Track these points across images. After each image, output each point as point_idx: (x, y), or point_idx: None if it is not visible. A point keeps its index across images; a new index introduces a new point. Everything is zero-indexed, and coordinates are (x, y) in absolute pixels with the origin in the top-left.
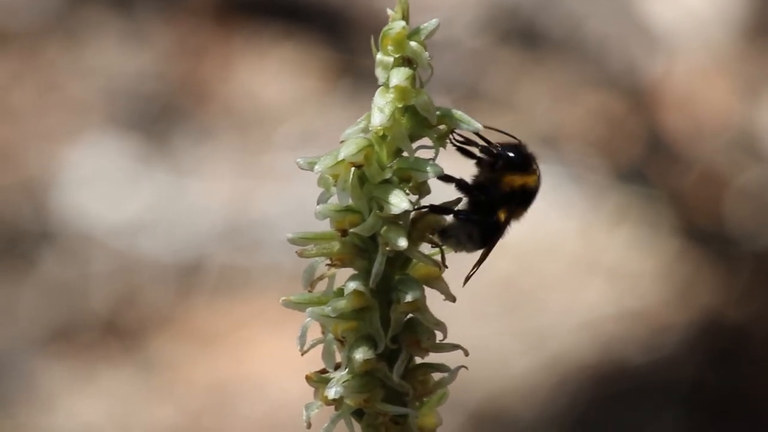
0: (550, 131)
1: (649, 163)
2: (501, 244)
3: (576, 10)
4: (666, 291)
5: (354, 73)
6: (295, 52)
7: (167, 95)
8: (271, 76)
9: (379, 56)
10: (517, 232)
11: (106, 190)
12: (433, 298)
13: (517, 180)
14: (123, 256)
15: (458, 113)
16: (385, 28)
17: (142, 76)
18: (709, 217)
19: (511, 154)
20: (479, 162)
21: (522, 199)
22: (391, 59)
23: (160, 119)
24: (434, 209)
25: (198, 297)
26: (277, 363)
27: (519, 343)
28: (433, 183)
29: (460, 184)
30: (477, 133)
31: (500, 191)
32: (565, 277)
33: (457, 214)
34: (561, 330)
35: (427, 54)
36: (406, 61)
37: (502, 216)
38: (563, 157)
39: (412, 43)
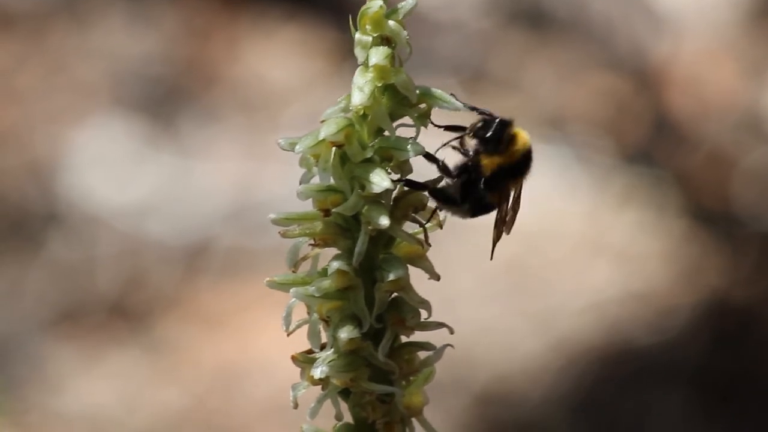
0: (556, 112)
1: (656, 145)
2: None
3: None
4: (672, 272)
5: None
6: (302, 34)
7: (173, 77)
8: (278, 57)
9: (357, 36)
10: (522, 214)
11: (113, 172)
12: (444, 281)
13: (495, 160)
14: (129, 237)
15: (438, 92)
16: (363, 8)
17: (148, 58)
18: (716, 198)
19: (485, 135)
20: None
21: (510, 173)
22: (370, 38)
23: (167, 101)
24: (411, 184)
25: (204, 279)
26: (283, 345)
27: (525, 325)
28: (416, 161)
29: (441, 167)
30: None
31: (482, 174)
32: (571, 259)
33: (434, 192)
34: (567, 311)
35: (405, 33)
36: (385, 41)
37: (492, 196)
38: (569, 139)
39: (391, 22)
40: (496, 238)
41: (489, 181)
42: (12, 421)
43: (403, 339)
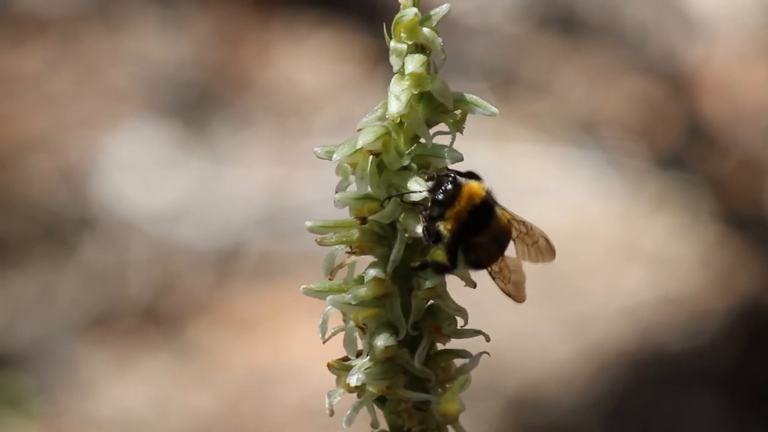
0: (589, 117)
1: (689, 149)
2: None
3: None
4: (705, 277)
5: None
6: (333, 39)
7: (205, 82)
8: (309, 62)
9: (392, 44)
10: (555, 218)
11: (145, 176)
12: (478, 284)
13: (448, 225)
14: (161, 242)
15: (473, 98)
16: (398, 16)
17: (180, 63)
18: (749, 202)
19: (434, 199)
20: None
21: (468, 231)
22: (405, 46)
23: (199, 106)
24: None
25: (236, 283)
26: (314, 349)
27: (558, 329)
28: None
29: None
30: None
31: (446, 238)
32: (604, 263)
33: (439, 268)
34: (600, 316)
35: (440, 40)
36: (420, 48)
37: (470, 254)
38: (602, 143)
39: (425, 30)
40: (505, 287)
41: (453, 244)
42: (44, 425)
43: (439, 346)
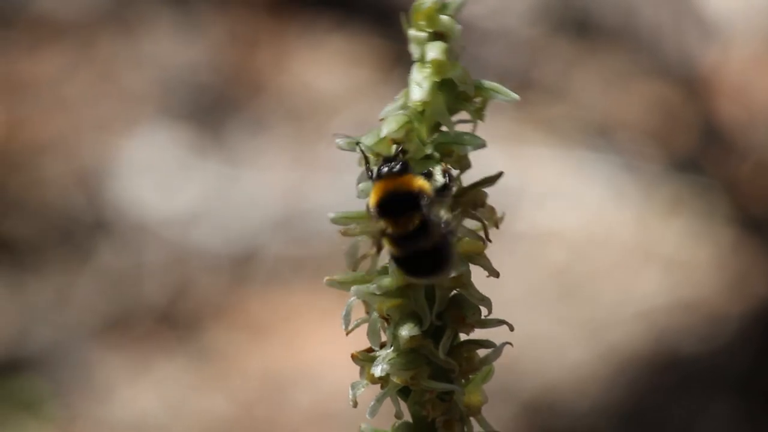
0: (604, 120)
1: (704, 153)
2: (555, 232)
3: None
4: (721, 281)
5: (408, 62)
6: (349, 42)
7: (221, 86)
8: (325, 66)
9: (412, 32)
10: (571, 221)
11: (160, 180)
12: (492, 289)
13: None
14: (177, 246)
15: (493, 84)
16: (416, 4)
17: (196, 67)
18: (765, 206)
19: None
20: None
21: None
22: (425, 34)
23: (214, 110)
24: None
25: (251, 287)
26: (330, 352)
27: (573, 333)
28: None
29: None
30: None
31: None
32: (619, 267)
33: None
34: (615, 320)
35: (458, 26)
36: (439, 36)
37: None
38: (617, 146)
39: (443, 17)
40: None
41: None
42: (59, 429)
43: (463, 336)
